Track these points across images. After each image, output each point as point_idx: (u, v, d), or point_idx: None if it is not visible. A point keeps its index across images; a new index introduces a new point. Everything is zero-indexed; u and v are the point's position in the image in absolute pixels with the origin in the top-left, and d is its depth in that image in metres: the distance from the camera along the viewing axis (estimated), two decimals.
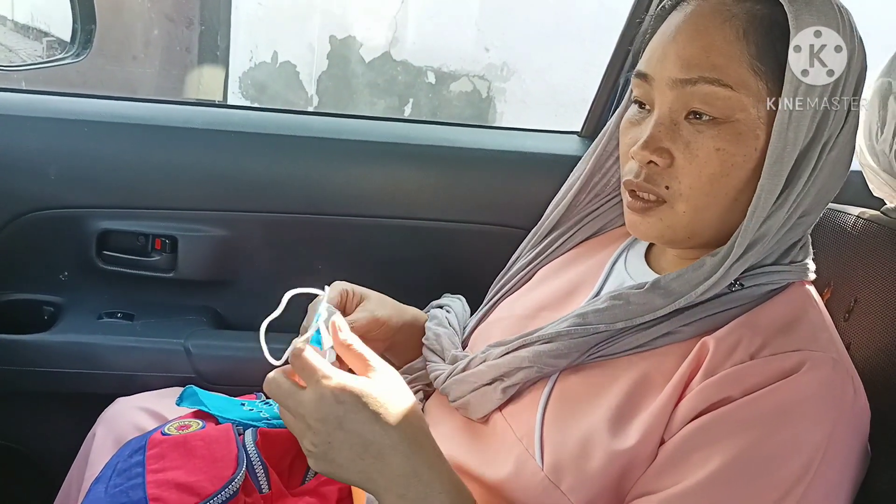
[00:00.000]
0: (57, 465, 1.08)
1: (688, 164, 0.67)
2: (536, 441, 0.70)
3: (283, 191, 1.25)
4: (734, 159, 0.66)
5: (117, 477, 0.76)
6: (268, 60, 3.89)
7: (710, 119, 0.66)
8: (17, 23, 3.31)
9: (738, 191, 0.67)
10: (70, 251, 1.24)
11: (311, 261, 1.30)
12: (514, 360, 0.74)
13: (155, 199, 1.23)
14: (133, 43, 3.56)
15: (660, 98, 0.69)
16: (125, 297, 1.27)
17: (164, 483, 0.73)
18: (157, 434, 0.81)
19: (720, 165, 0.66)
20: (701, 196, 0.68)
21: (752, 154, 0.66)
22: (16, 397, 1.20)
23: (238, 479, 0.73)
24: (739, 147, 0.66)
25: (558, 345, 0.72)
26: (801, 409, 0.62)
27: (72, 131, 1.21)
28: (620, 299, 0.71)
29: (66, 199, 1.21)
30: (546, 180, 1.31)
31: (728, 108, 0.66)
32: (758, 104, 0.66)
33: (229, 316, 1.31)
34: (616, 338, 0.71)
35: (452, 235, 1.30)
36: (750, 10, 0.67)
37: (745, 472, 0.61)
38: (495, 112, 3.86)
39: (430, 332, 0.92)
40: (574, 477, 0.67)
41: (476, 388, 0.77)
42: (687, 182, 0.68)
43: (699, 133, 0.67)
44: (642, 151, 0.68)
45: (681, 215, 0.69)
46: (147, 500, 0.71)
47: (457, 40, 3.86)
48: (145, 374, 1.17)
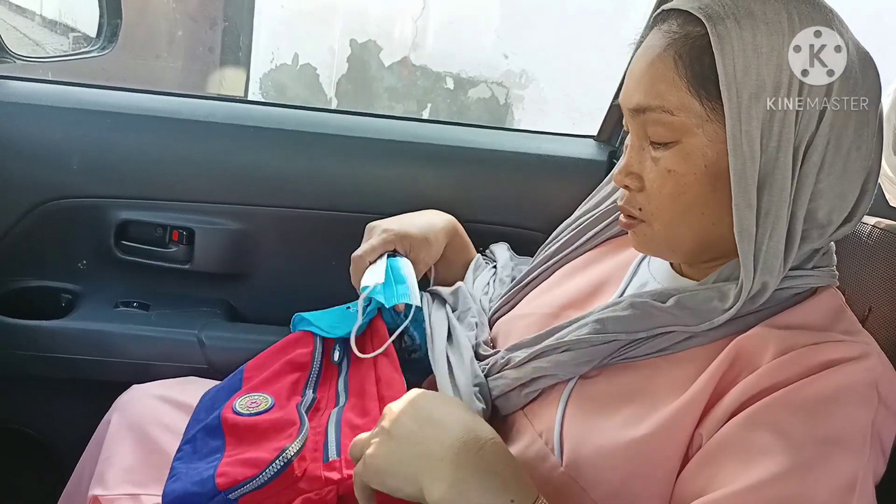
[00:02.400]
0: (70, 450, 1.09)
1: (651, 187, 0.71)
2: (556, 437, 0.71)
3: (300, 186, 1.27)
4: (685, 178, 0.69)
5: (199, 461, 0.78)
6: (289, 62, 3.92)
7: (662, 144, 0.69)
8: (45, 18, 3.36)
9: (701, 205, 0.69)
10: (89, 240, 1.26)
11: (325, 257, 1.31)
12: (535, 370, 0.76)
13: (174, 191, 1.25)
14: (157, 42, 3.60)
15: (629, 126, 0.73)
16: (142, 287, 1.28)
17: (233, 462, 0.75)
18: (228, 410, 0.82)
19: (674, 186, 0.69)
20: (667, 214, 0.71)
21: (703, 171, 0.68)
22: (31, 382, 1.22)
23: (293, 448, 0.74)
24: (688, 167, 0.68)
25: (578, 353, 0.73)
26: (849, 395, 0.62)
27: (95, 122, 1.22)
28: (641, 309, 0.72)
29: (88, 188, 1.23)
30: (562, 183, 1.32)
31: (673, 131, 0.68)
32: (703, 124, 0.67)
33: (243, 309, 1.32)
34: (636, 343, 0.72)
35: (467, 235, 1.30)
36: (689, 34, 0.68)
37: (806, 457, 0.60)
38: (513, 119, 3.86)
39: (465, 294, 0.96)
40: (593, 473, 0.68)
41: (498, 396, 0.78)
42: (654, 203, 0.72)
43: (657, 157, 0.70)
44: (617, 177, 0.74)
45: (657, 232, 0.73)
46: (214, 476, 0.73)
47: (476, 46, 3.87)
48: (159, 363, 1.18)
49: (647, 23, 0.76)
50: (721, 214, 0.69)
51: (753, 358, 0.66)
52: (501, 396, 0.78)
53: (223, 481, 0.73)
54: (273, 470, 0.73)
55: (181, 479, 0.76)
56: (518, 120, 3.86)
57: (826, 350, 0.64)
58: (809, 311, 0.69)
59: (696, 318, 0.69)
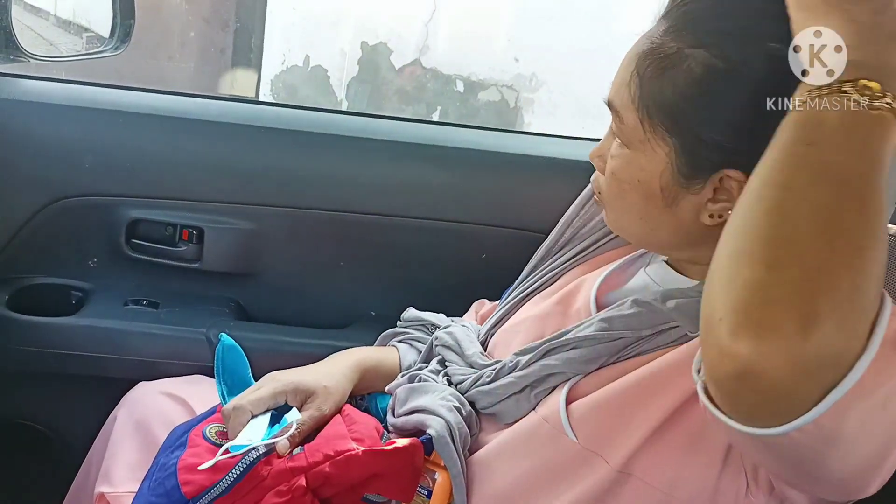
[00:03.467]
0: (77, 445, 1.10)
1: (605, 177, 0.75)
2: (563, 417, 0.72)
3: (310, 187, 1.27)
4: (623, 185, 0.72)
5: (158, 472, 0.79)
6: (300, 64, 3.93)
7: (620, 142, 0.72)
8: (59, 18, 3.38)
9: (640, 212, 0.72)
10: (100, 238, 1.27)
11: (333, 257, 1.31)
12: (543, 368, 0.76)
13: (184, 190, 1.26)
14: (170, 43, 3.62)
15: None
16: (151, 286, 1.29)
17: (192, 467, 0.75)
18: (197, 432, 0.82)
19: (617, 187, 0.73)
20: (612, 204, 0.76)
21: (636, 185, 0.71)
22: (40, 378, 1.23)
23: (257, 451, 0.75)
24: (626, 174, 0.72)
25: (587, 350, 0.74)
26: None
27: (108, 121, 1.23)
28: (645, 307, 0.72)
29: (99, 187, 1.24)
30: (569, 186, 1.31)
31: (623, 136, 0.71)
32: (645, 143, 0.69)
33: (251, 308, 1.33)
34: (641, 342, 0.72)
35: (474, 237, 1.30)
36: (660, 46, 0.68)
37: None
38: (523, 122, 3.86)
39: (444, 333, 0.92)
40: (609, 439, 0.69)
41: (506, 397, 0.78)
42: (605, 193, 0.76)
43: (613, 154, 0.73)
44: (591, 154, 0.78)
45: (610, 215, 0.78)
46: (179, 486, 0.74)
47: (486, 49, 3.87)
48: (167, 360, 1.19)
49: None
50: (656, 225, 0.72)
51: None
52: (509, 398, 0.78)
53: (189, 489, 0.73)
54: (237, 471, 0.73)
55: (144, 494, 0.77)
56: (528, 123, 3.86)
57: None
58: None
59: (694, 326, 0.69)
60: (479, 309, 1.08)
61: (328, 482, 0.75)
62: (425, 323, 1.04)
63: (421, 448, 0.77)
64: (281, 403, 0.84)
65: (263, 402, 0.83)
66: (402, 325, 1.07)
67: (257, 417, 0.81)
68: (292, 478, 0.74)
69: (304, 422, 0.82)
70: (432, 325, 1.03)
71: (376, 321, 1.28)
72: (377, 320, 1.28)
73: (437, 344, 0.92)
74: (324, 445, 0.77)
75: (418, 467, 0.77)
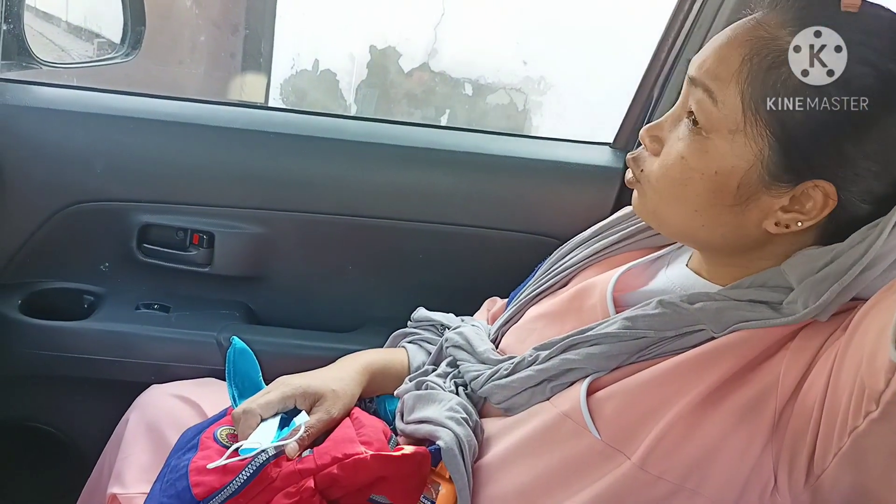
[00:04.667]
0: (90, 448, 1.11)
1: (663, 161, 0.71)
2: (585, 413, 0.71)
3: (319, 192, 1.28)
4: (692, 174, 0.68)
5: (170, 473, 0.79)
6: (309, 68, 3.94)
7: (696, 126, 0.68)
8: (70, 24, 3.40)
9: (697, 205, 0.69)
10: (112, 243, 1.28)
11: (342, 261, 1.32)
12: (563, 362, 0.75)
13: (195, 195, 1.27)
14: (180, 48, 3.64)
15: (684, 88, 0.71)
16: (162, 290, 1.30)
17: (203, 469, 0.76)
18: (209, 434, 0.83)
19: (679, 173, 0.69)
20: (662, 190, 0.71)
21: (711, 176, 0.67)
22: (53, 382, 1.24)
23: (266, 452, 0.76)
24: (700, 163, 0.67)
25: (609, 347, 0.73)
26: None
27: (119, 127, 1.25)
28: (670, 308, 0.72)
29: (111, 192, 1.25)
30: (577, 190, 1.33)
31: (707, 121, 0.67)
32: (735, 135, 0.66)
33: (261, 312, 1.34)
34: (664, 342, 0.72)
35: (482, 241, 1.31)
36: (774, 38, 0.65)
37: None
38: (531, 125, 3.86)
39: (454, 333, 0.93)
40: (632, 434, 0.69)
41: (522, 391, 0.78)
42: (656, 175, 0.71)
43: (683, 136, 0.69)
44: (643, 132, 0.73)
45: (650, 199, 0.73)
46: (190, 488, 0.74)
47: (495, 53, 3.88)
48: (178, 364, 1.20)
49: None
50: (713, 222, 0.69)
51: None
52: (525, 391, 0.77)
53: (200, 491, 0.74)
54: (247, 474, 0.74)
55: (156, 496, 0.78)
56: (536, 126, 3.86)
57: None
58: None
59: (719, 327, 0.69)
60: (491, 307, 1.08)
61: (336, 484, 0.75)
62: (435, 323, 1.05)
63: (428, 457, 0.77)
64: (290, 407, 0.85)
65: (273, 406, 0.83)
66: (413, 325, 1.07)
67: (267, 420, 0.81)
68: (301, 480, 0.75)
69: (313, 425, 0.82)
70: (442, 325, 1.03)
71: (385, 324, 1.29)
72: (386, 323, 1.29)
73: (448, 345, 0.92)
74: (332, 448, 0.78)
75: (424, 475, 0.77)
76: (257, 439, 0.78)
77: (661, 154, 0.71)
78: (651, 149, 0.72)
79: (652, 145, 0.72)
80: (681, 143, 0.69)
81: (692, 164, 0.68)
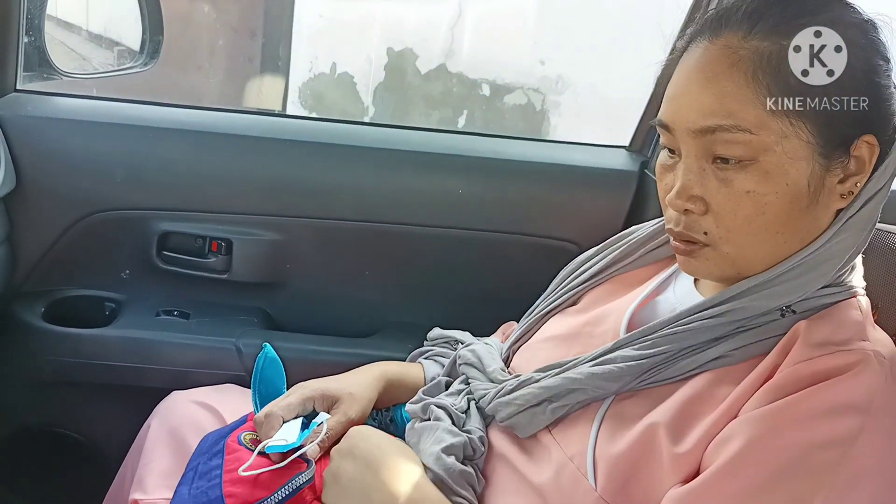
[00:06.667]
0: (113, 453, 1.12)
1: (722, 209, 0.68)
2: (589, 461, 0.70)
3: (335, 198, 1.29)
4: (766, 198, 0.66)
5: (199, 480, 0.80)
6: (326, 71, 3.96)
7: (737, 163, 0.66)
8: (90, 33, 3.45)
9: (779, 225, 0.67)
10: (132, 251, 1.30)
11: (359, 266, 1.33)
12: (564, 381, 0.75)
13: (213, 203, 1.28)
14: (199, 53, 3.68)
15: (684, 147, 0.69)
16: (182, 296, 1.32)
17: (238, 480, 0.77)
18: (233, 439, 0.84)
19: (753, 206, 0.66)
20: (742, 237, 0.68)
21: (784, 190, 0.66)
22: (76, 388, 1.25)
23: (303, 476, 0.76)
24: (769, 186, 0.66)
25: (611, 368, 0.72)
26: (842, 402, 0.62)
27: (138, 137, 1.26)
28: (669, 329, 0.72)
29: (131, 200, 1.27)
30: (593, 193, 1.32)
31: (751, 150, 0.65)
32: (782, 140, 0.65)
33: (279, 317, 1.35)
34: (667, 363, 0.72)
35: (498, 246, 1.31)
36: (756, 49, 0.66)
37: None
38: (549, 125, 3.85)
39: (467, 351, 0.93)
40: (630, 493, 0.68)
41: (524, 409, 0.78)
42: (724, 226, 0.68)
43: (727, 178, 0.67)
44: (676, 201, 0.69)
45: (726, 256, 0.70)
46: (223, 498, 0.75)
47: (512, 53, 3.87)
48: (198, 370, 1.21)
49: (683, 35, 0.74)
50: (793, 233, 0.68)
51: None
52: (525, 411, 0.77)
53: (233, 502, 0.75)
54: (283, 494, 0.75)
55: (185, 500, 0.78)
56: (554, 126, 3.85)
57: (829, 360, 0.64)
58: (826, 319, 0.69)
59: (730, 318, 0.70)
60: (507, 331, 1.08)
61: None
62: (450, 339, 1.06)
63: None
64: (310, 409, 0.87)
65: (294, 408, 0.85)
66: (429, 343, 1.08)
67: (289, 422, 0.83)
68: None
69: (332, 427, 0.84)
70: (456, 340, 1.04)
71: (402, 329, 1.30)
72: (403, 329, 1.30)
73: (461, 362, 0.93)
74: None
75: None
76: (283, 436, 0.80)
77: (716, 205, 0.68)
78: (698, 211, 0.69)
79: (697, 207, 0.69)
80: (735, 183, 0.67)
81: (763, 191, 0.66)
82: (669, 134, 0.70)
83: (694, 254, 0.71)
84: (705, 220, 0.69)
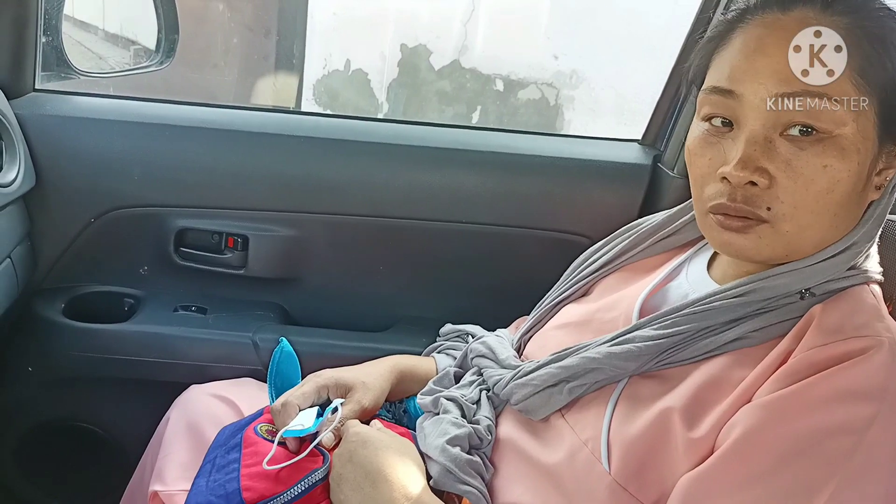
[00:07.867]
0: (132, 447, 1.14)
1: (792, 183, 0.65)
2: (603, 445, 0.71)
3: (349, 194, 1.30)
4: (840, 175, 0.65)
5: (217, 472, 0.81)
6: (341, 68, 3.97)
7: (813, 134, 0.64)
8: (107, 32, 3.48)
9: (839, 206, 0.66)
10: (150, 247, 1.31)
11: (373, 261, 1.34)
12: (582, 360, 0.75)
13: (229, 199, 1.29)
14: (214, 52, 3.70)
15: (751, 115, 0.67)
16: (199, 292, 1.33)
17: (256, 475, 0.78)
18: (250, 431, 0.85)
19: (827, 182, 0.64)
20: (806, 214, 0.66)
21: (855, 169, 0.65)
22: (96, 383, 1.27)
23: (319, 473, 0.77)
24: (844, 163, 0.64)
25: (630, 347, 0.73)
26: (855, 392, 0.62)
27: (155, 135, 1.28)
28: (684, 312, 0.73)
29: (148, 198, 1.28)
30: (606, 187, 1.32)
31: (832, 121, 0.64)
32: (858, 118, 0.64)
33: (295, 312, 1.36)
34: (686, 343, 0.72)
35: (511, 240, 1.32)
36: (838, 23, 0.65)
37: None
38: (563, 120, 3.84)
39: (478, 343, 0.94)
40: (645, 477, 0.68)
41: (540, 390, 0.78)
42: (791, 201, 0.66)
43: (801, 150, 0.65)
44: (740, 172, 0.65)
45: (783, 234, 0.67)
46: (240, 491, 0.76)
47: (526, 48, 3.86)
48: (215, 364, 1.22)
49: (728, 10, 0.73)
50: (843, 218, 0.68)
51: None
52: (541, 392, 0.78)
53: (250, 496, 0.76)
54: (299, 489, 0.76)
55: (202, 492, 0.80)
56: (568, 120, 3.84)
57: (841, 346, 0.64)
58: (840, 303, 0.69)
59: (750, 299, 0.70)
60: (520, 325, 1.09)
61: None
62: (461, 333, 1.07)
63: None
64: (324, 398, 0.89)
65: (308, 397, 0.87)
66: (441, 339, 1.09)
67: (305, 410, 0.85)
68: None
69: (346, 415, 0.85)
70: (468, 334, 1.05)
71: (416, 324, 1.30)
72: (417, 323, 1.30)
73: (473, 355, 0.94)
74: None
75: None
76: (300, 422, 0.81)
77: (785, 179, 0.65)
78: (763, 184, 0.66)
79: (762, 180, 0.66)
80: (809, 155, 0.65)
81: (839, 167, 0.64)
82: (731, 102, 0.68)
83: (747, 230, 0.68)
84: (769, 194, 0.66)
